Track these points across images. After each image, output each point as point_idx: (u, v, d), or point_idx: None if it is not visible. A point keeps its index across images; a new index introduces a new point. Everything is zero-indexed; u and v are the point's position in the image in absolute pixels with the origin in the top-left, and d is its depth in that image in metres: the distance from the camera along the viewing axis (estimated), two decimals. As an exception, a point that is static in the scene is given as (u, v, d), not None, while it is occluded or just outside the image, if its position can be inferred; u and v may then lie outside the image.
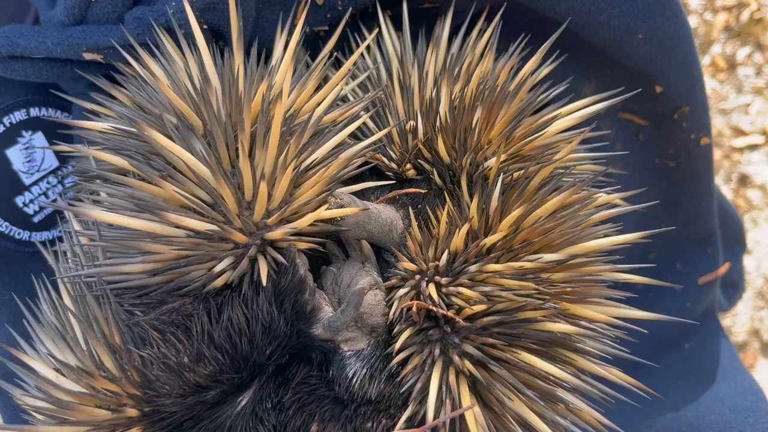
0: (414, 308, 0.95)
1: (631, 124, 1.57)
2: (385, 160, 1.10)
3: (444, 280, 0.97)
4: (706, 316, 1.72)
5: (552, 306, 0.95)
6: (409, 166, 1.09)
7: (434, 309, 0.94)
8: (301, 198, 0.97)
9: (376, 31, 1.20)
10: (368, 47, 1.20)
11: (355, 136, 1.13)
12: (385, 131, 1.07)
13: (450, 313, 0.94)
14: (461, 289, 0.95)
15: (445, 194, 1.05)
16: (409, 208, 1.06)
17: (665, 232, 1.69)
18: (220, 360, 0.94)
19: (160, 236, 0.93)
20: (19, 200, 1.45)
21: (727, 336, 1.71)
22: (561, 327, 0.95)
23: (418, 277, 1.00)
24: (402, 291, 1.00)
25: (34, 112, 1.46)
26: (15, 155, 1.43)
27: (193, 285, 0.93)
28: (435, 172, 1.07)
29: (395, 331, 0.99)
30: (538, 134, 1.06)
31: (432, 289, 0.97)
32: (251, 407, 0.98)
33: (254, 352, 0.96)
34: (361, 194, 1.09)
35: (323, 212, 0.96)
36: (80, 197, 1.12)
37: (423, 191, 1.08)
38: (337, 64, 1.18)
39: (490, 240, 0.96)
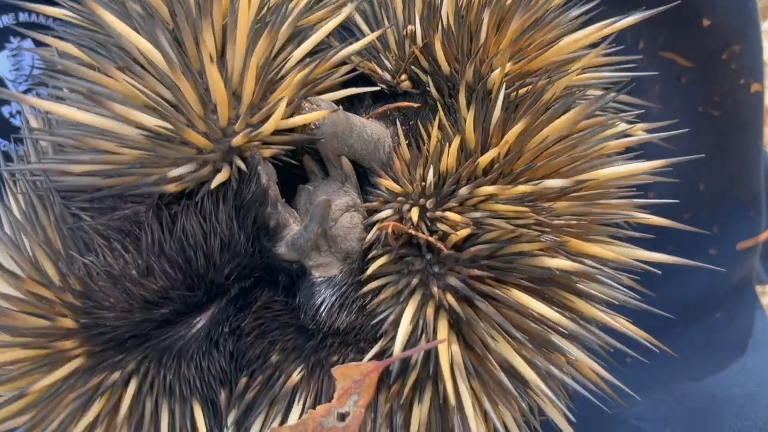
0: (390, 230, 0.83)
1: (673, 65, 1.41)
2: (377, 69, 0.97)
3: (430, 203, 0.85)
4: (742, 285, 1.56)
5: (551, 238, 0.82)
6: (404, 76, 0.96)
7: (413, 233, 0.82)
8: (272, 103, 0.86)
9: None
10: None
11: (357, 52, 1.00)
12: (376, 34, 0.94)
13: (432, 239, 0.82)
14: (447, 214, 0.83)
15: (440, 108, 0.91)
16: (398, 123, 0.93)
17: (702, 190, 1.53)
18: (171, 275, 0.84)
19: (112, 134, 0.83)
20: (6, 110, 1.38)
21: (763, 308, 1.55)
22: (560, 263, 0.82)
23: (401, 199, 0.87)
24: (382, 214, 0.88)
25: (23, 16, 1.37)
26: (2, 62, 1.36)
27: (146, 190, 0.83)
28: (431, 83, 0.93)
29: (370, 256, 0.87)
30: (552, 46, 0.91)
31: (414, 213, 0.84)
32: (206, 330, 0.89)
33: (211, 270, 0.86)
34: (350, 111, 0.96)
35: (295, 118, 0.84)
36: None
37: (416, 105, 0.95)
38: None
39: (485, 158, 0.83)
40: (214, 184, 0.81)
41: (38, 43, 1.35)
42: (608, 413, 1.24)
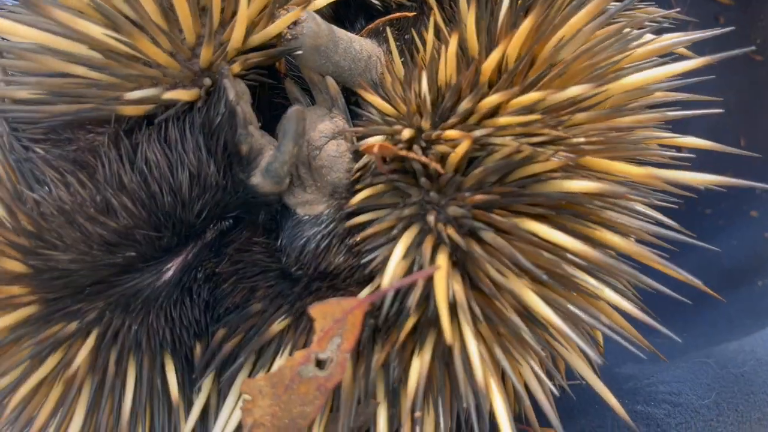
0: (376, 150, 0.71)
1: (711, 3, 1.26)
2: (367, -24, 0.85)
3: (426, 123, 0.73)
4: None
5: (568, 156, 0.69)
6: (398, -18, 0.84)
7: (403, 153, 0.70)
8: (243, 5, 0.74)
9: None
10: None
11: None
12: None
13: (426, 159, 0.70)
14: (446, 132, 0.71)
15: (435, 10, 0.79)
16: (390, 36, 0.81)
17: (743, 147, 1.38)
18: (133, 212, 0.74)
19: (60, 52, 0.73)
20: None
21: None
22: (582, 185, 0.69)
23: (391, 120, 0.76)
24: (373, 139, 0.76)
25: None
26: None
27: (100, 113, 0.73)
28: (428, -13, 0.81)
29: (358, 187, 0.76)
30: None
31: (407, 134, 0.72)
32: (178, 277, 0.78)
33: (179, 207, 0.75)
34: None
35: (268, 28, 0.73)
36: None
37: (411, 14, 0.82)
38: None
39: (489, 62, 0.70)
40: (169, 95, 0.70)
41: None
42: (644, 375, 1.11)
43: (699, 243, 0.76)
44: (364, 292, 0.73)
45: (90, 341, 0.74)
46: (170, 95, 0.72)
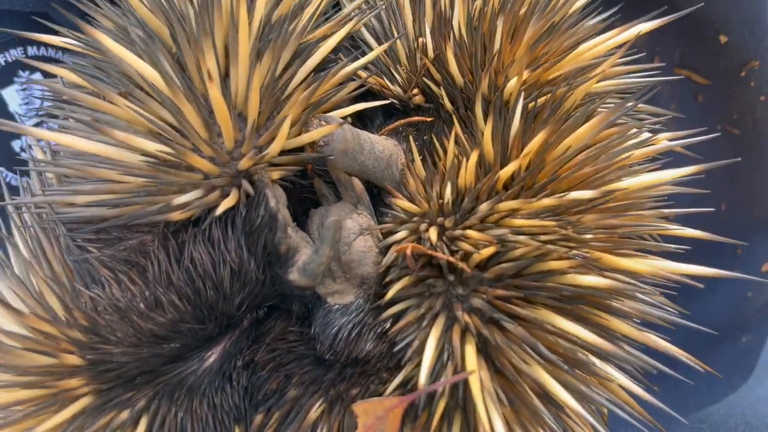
0: (408, 252, 0.78)
1: (690, 83, 1.36)
2: (388, 83, 0.93)
3: (448, 222, 0.80)
4: None
5: (581, 254, 0.77)
6: (416, 90, 0.93)
7: (432, 253, 0.78)
8: (279, 122, 0.82)
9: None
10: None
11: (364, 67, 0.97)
12: (383, 47, 0.90)
13: (453, 259, 0.77)
14: (468, 232, 0.78)
15: (455, 120, 0.87)
16: (410, 138, 0.89)
17: (724, 211, 1.47)
18: (180, 307, 0.80)
19: (115, 162, 0.80)
20: (16, 145, 1.36)
21: None
22: (593, 281, 0.76)
23: (417, 219, 0.83)
24: (398, 235, 0.83)
25: (32, 51, 1.36)
26: (11, 96, 1.34)
27: (151, 219, 0.80)
28: (445, 96, 0.89)
29: (387, 280, 0.83)
30: (569, 53, 0.87)
31: (433, 232, 0.80)
32: (219, 365, 0.84)
33: (221, 300, 0.82)
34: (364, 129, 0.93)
35: (302, 136, 0.80)
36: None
37: (429, 119, 0.91)
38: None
39: (506, 171, 0.79)
40: (220, 209, 0.77)
41: (48, 77, 1.35)
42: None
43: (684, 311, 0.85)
44: (397, 380, 0.79)
45: (140, 429, 0.79)
46: (217, 206, 0.79)
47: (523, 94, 0.81)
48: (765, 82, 1.31)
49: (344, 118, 0.88)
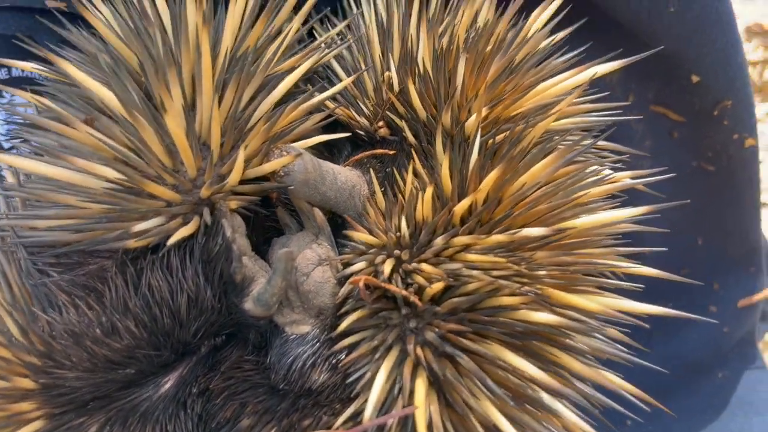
0: (361, 285, 0.79)
1: (665, 120, 1.37)
2: (355, 115, 0.95)
3: (405, 255, 0.81)
4: (744, 343, 1.51)
5: (532, 291, 0.78)
6: (381, 123, 0.94)
7: (386, 286, 0.79)
8: (241, 153, 0.83)
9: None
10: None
11: (332, 98, 0.98)
12: (349, 79, 0.92)
13: (405, 293, 0.78)
14: (423, 265, 0.79)
15: (414, 154, 0.88)
16: (371, 171, 0.90)
17: (700, 246, 1.47)
18: (136, 334, 0.81)
19: (77, 188, 0.81)
20: None
21: (766, 368, 1.49)
22: (543, 317, 0.77)
23: (375, 251, 0.84)
24: (355, 267, 0.84)
25: (16, 72, 1.38)
26: None
27: (109, 245, 0.81)
28: (407, 129, 0.91)
29: (343, 311, 0.83)
30: (530, 90, 0.88)
31: (389, 265, 0.81)
32: (174, 391, 0.85)
33: (178, 328, 0.83)
34: (331, 161, 0.94)
35: (263, 166, 0.82)
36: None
37: (392, 152, 0.92)
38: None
39: (461, 206, 0.80)
40: (174, 238, 0.78)
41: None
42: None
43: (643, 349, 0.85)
44: (348, 412, 0.80)
45: (91, 455, 0.80)
46: (173, 235, 0.80)
47: (480, 130, 0.82)
48: (737, 121, 1.32)
49: (311, 148, 0.89)
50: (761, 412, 1.38)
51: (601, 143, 0.99)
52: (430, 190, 0.80)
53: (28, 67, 0.93)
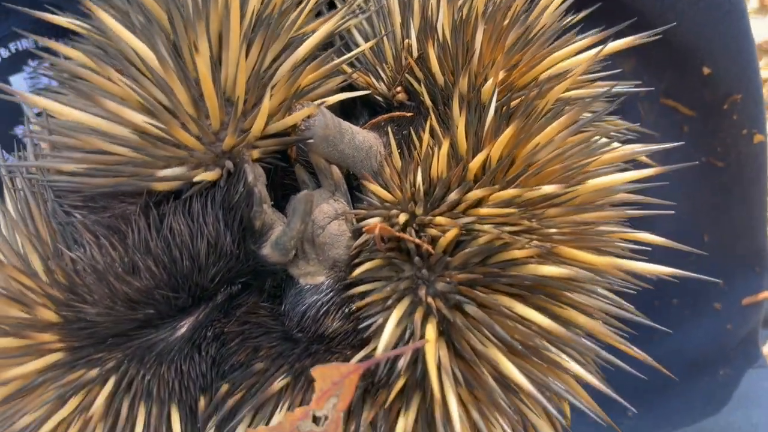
0: (377, 232, 0.81)
1: (676, 114, 1.39)
2: (374, 80, 0.98)
3: (419, 209, 0.84)
4: (748, 341, 1.51)
5: (542, 246, 0.80)
6: (399, 88, 0.97)
7: (400, 235, 0.81)
8: (266, 100, 0.86)
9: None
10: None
11: (352, 65, 1.02)
12: (370, 43, 0.95)
13: (419, 241, 0.81)
14: (437, 218, 0.82)
15: (432, 114, 0.91)
16: (389, 130, 0.93)
17: (706, 242, 1.48)
18: (155, 274, 0.83)
19: (105, 133, 0.84)
20: (19, 130, 1.41)
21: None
22: (551, 270, 0.79)
23: (389, 205, 0.87)
24: (371, 221, 0.87)
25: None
26: (19, 83, 1.40)
27: (135, 188, 0.84)
28: (425, 93, 0.94)
29: (357, 261, 0.86)
30: (544, 60, 0.91)
31: (403, 217, 0.83)
32: (190, 334, 0.87)
33: (196, 271, 0.85)
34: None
35: (284, 119, 0.85)
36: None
37: (409, 114, 0.95)
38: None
39: (475, 162, 0.82)
40: (198, 177, 0.81)
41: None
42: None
43: (660, 328, 0.86)
44: (359, 356, 0.82)
45: (107, 388, 0.82)
46: (196, 177, 0.83)
47: (497, 93, 0.85)
48: (747, 116, 1.33)
49: (329, 107, 0.92)
50: (761, 404, 1.38)
51: (612, 120, 1.02)
52: (445, 146, 0.83)
53: (63, 21, 0.96)
